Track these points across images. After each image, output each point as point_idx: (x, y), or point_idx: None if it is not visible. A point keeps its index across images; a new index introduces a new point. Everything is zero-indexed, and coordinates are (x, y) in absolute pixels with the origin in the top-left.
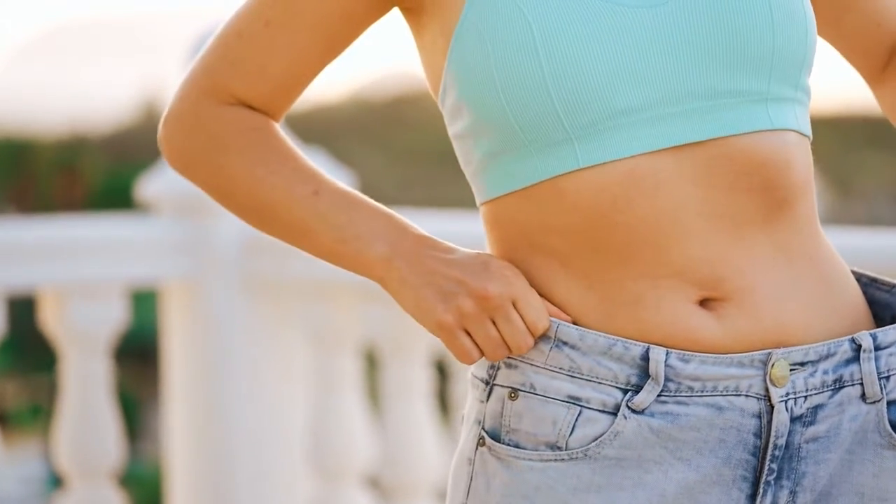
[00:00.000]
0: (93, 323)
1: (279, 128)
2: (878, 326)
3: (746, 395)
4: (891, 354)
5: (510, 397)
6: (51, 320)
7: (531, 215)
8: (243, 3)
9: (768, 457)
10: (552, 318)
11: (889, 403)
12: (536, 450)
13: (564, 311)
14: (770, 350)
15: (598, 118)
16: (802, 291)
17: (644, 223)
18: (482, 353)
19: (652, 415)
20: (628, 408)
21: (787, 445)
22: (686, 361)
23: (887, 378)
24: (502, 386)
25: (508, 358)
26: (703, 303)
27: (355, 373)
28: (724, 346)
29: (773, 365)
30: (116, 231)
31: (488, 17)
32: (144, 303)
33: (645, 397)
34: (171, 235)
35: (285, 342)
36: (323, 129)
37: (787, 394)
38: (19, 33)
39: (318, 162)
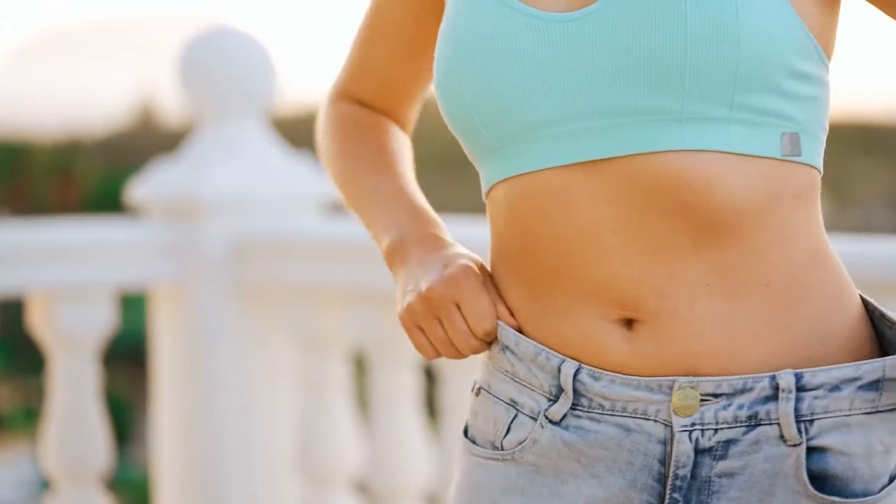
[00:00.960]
0: (81, 326)
1: (388, 126)
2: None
3: (654, 420)
4: (816, 398)
5: (476, 394)
6: (39, 323)
7: (493, 221)
8: None
9: (669, 486)
10: (499, 322)
11: (812, 450)
12: (484, 447)
13: (515, 317)
14: (675, 377)
15: (513, 131)
16: (742, 321)
17: (564, 238)
18: (437, 351)
19: (567, 427)
20: (545, 417)
21: (694, 476)
22: (596, 378)
23: (810, 422)
24: (477, 383)
25: (487, 356)
26: (628, 323)
27: (344, 377)
28: (631, 367)
29: (676, 393)
30: (105, 234)
31: (443, 27)
32: (137, 306)
33: (559, 409)
34: (160, 239)
35: (274, 346)
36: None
37: (693, 424)
38: (16, 37)
39: (305, 166)
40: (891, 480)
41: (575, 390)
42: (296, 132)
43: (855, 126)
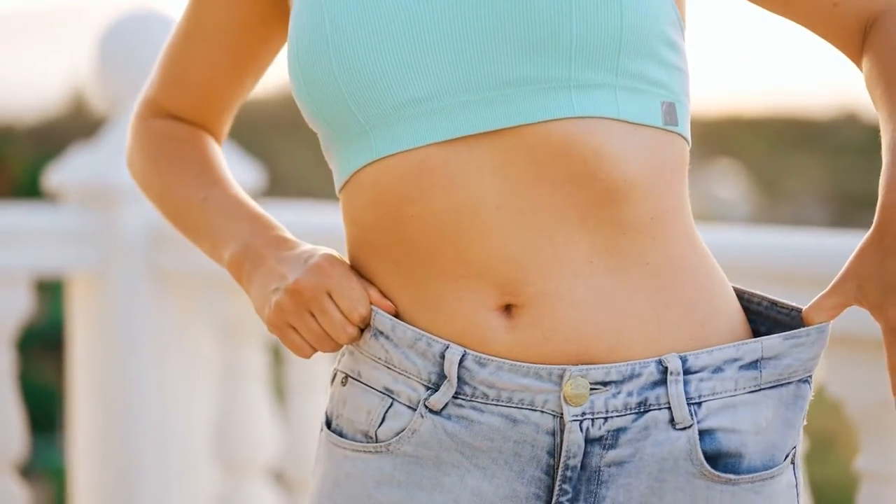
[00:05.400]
0: None
1: (206, 138)
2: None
3: (542, 412)
4: (702, 380)
5: (342, 383)
6: None
7: (351, 212)
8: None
9: (559, 477)
10: (373, 307)
11: (702, 432)
12: (354, 439)
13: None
14: (565, 366)
15: (387, 109)
16: (623, 301)
17: (439, 218)
18: (314, 348)
19: (448, 417)
20: (426, 406)
21: (584, 467)
22: (482, 365)
23: (698, 404)
24: (341, 371)
25: (352, 344)
26: (508, 308)
27: (261, 366)
28: (516, 357)
29: (567, 382)
30: (22, 220)
31: (299, 12)
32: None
33: (440, 398)
34: (77, 225)
35: (191, 334)
36: (251, 124)
37: (584, 413)
38: None
39: (226, 154)
40: (784, 458)
41: (459, 378)
42: (234, 123)
43: (786, 121)
